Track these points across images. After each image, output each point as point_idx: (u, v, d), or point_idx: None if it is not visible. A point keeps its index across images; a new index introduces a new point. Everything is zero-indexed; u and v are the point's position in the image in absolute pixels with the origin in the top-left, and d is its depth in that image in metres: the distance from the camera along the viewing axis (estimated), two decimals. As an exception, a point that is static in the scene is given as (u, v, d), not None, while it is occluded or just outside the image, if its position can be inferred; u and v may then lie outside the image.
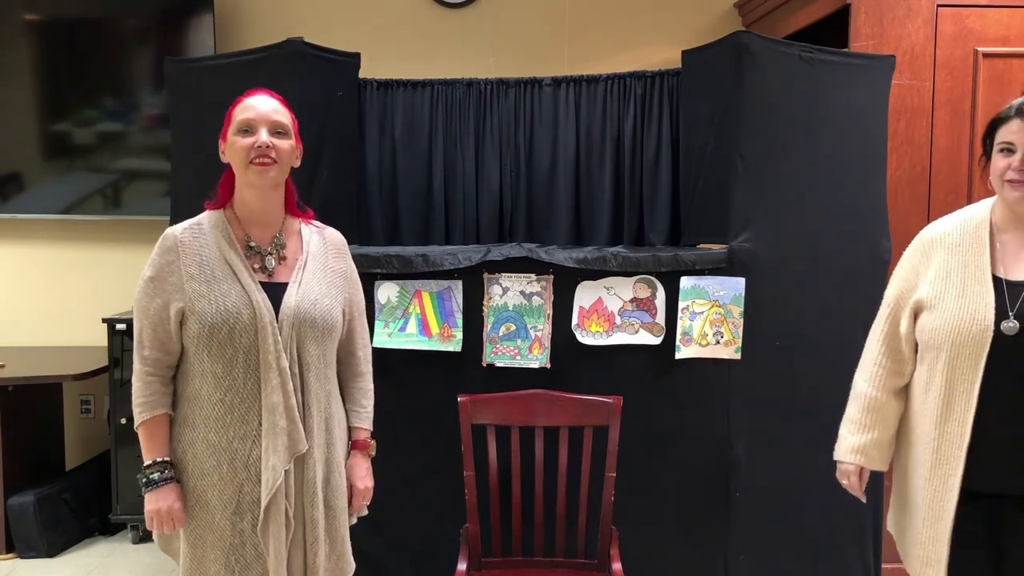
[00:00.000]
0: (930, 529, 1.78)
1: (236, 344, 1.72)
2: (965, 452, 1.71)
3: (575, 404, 2.38)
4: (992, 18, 2.89)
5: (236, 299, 1.73)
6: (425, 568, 2.60)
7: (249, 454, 1.74)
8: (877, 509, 2.67)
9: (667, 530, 2.59)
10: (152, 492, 1.74)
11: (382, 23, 3.83)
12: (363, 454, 1.95)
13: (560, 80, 3.10)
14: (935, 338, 1.76)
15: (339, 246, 1.95)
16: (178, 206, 2.86)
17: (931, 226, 1.88)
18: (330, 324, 1.83)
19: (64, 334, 3.91)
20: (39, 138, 3.77)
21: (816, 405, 2.61)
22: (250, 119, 1.75)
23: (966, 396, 1.71)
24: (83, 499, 3.59)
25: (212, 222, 1.80)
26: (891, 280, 1.93)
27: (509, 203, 3.14)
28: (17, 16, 3.70)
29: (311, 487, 1.80)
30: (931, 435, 1.77)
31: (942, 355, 1.74)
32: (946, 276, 1.78)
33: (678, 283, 2.53)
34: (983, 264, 1.75)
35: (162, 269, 1.75)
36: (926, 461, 1.79)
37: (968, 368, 1.71)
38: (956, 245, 1.79)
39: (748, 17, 3.73)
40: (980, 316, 1.70)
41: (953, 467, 1.73)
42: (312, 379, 1.80)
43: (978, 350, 1.69)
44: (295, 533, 1.79)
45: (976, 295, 1.72)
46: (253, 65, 2.72)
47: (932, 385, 1.78)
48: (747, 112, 2.52)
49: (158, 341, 1.75)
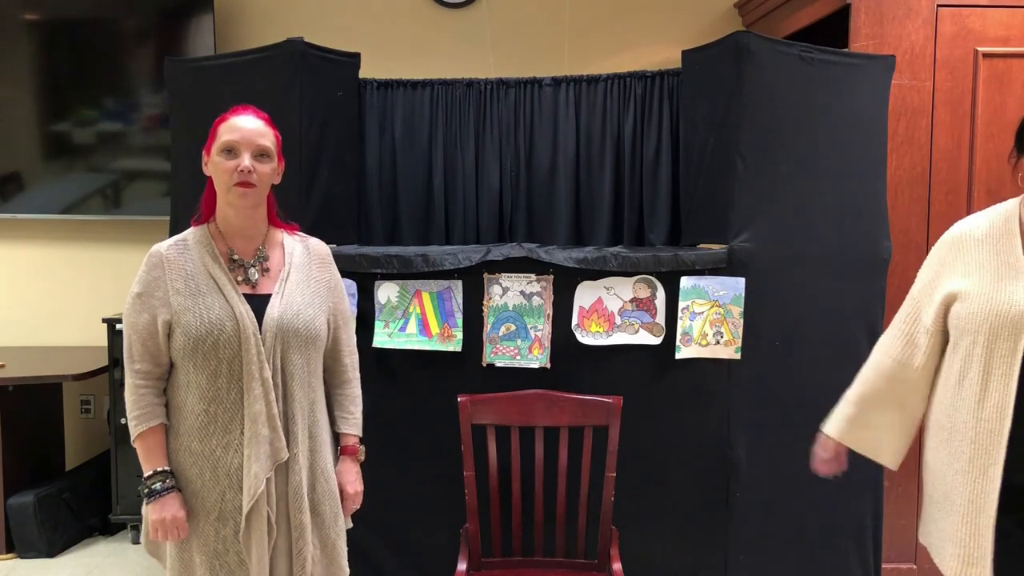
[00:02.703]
0: (971, 524, 1.73)
1: (220, 355, 1.75)
2: (1006, 439, 1.68)
3: (575, 404, 2.38)
4: (992, 18, 2.89)
5: (220, 311, 1.76)
6: (425, 568, 2.60)
7: (231, 462, 1.77)
8: (877, 509, 2.67)
9: (667, 530, 2.59)
10: (155, 502, 1.76)
11: (382, 23, 3.83)
12: (352, 459, 1.98)
13: (560, 80, 3.10)
14: (972, 323, 1.74)
15: (323, 256, 1.97)
16: (178, 206, 2.86)
17: (958, 224, 1.87)
18: (314, 334, 1.85)
19: (64, 334, 3.91)
20: (39, 138, 3.77)
21: (816, 405, 2.60)
22: (234, 141, 1.77)
23: (1004, 380, 1.68)
24: (83, 499, 3.59)
25: (196, 237, 1.84)
26: (917, 277, 1.93)
27: (509, 203, 3.14)
28: (17, 16, 3.70)
29: (296, 494, 1.82)
30: (968, 424, 1.74)
31: (979, 339, 1.72)
32: (980, 266, 1.77)
33: (678, 283, 2.53)
34: (1016, 252, 1.74)
35: (149, 284, 1.79)
36: (963, 454, 1.75)
37: (1006, 351, 1.68)
38: (986, 237, 1.79)
39: (748, 17, 3.73)
40: (1017, 299, 1.69)
41: (994, 457, 1.69)
42: (296, 388, 1.82)
43: (1016, 332, 1.67)
44: (281, 540, 1.81)
45: (1012, 279, 1.71)
46: (253, 65, 2.72)
47: (968, 373, 1.75)
48: (747, 112, 2.52)
49: (148, 354, 1.79)
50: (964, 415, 1.76)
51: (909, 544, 2.93)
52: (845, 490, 2.63)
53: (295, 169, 2.65)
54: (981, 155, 2.90)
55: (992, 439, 1.70)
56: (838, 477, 2.10)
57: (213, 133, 1.81)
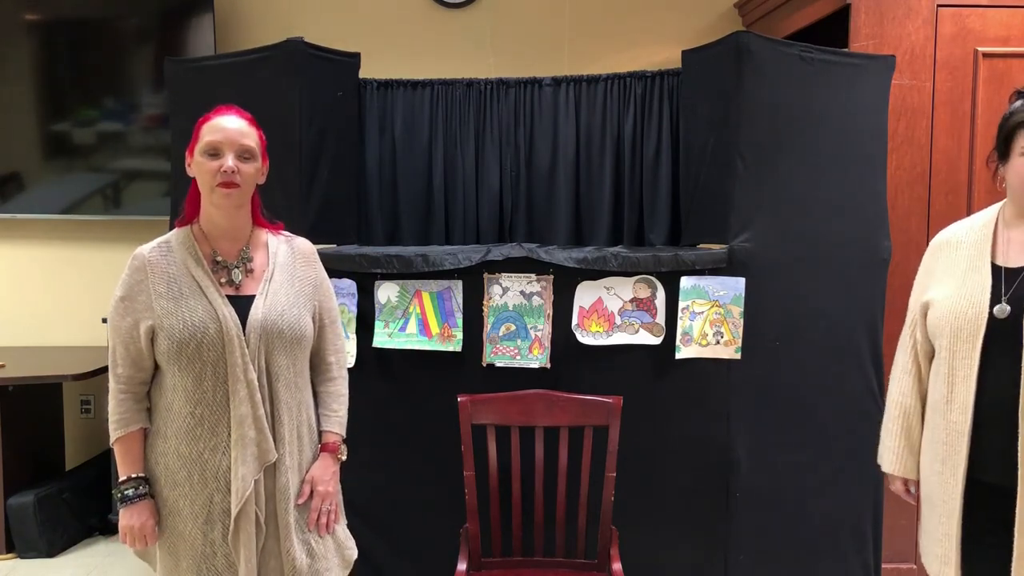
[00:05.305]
0: (945, 525, 1.77)
1: (204, 358, 1.75)
2: (967, 439, 1.72)
3: (575, 404, 2.38)
4: (992, 18, 2.89)
5: (203, 314, 1.75)
6: (425, 568, 2.60)
7: (219, 465, 1.76)
8: (877, 509, 2.67)
9: (667, 530, 2.59)
10: (127, 508, 1.77)
11: (382, 23, 3.83)
12: (332, 457, 1.94)
13: (560, 80, 3.10)
14: (938, 326, 1.79)
15: (308, 255, 1.96)
16: (178, 206, 2.84)
17: (943, 231, 1.92)
18: (299, 334, 1.84)
19: (64, 334, 3.91)
20: (39, 138, 3.77)
21: (816, 405, 2.61)
22: (217, 142, 1.77)
23: (966, 381, 1.73)
24: (83, 499, 3.59)
25: (179, 240, 1.84)
26: (914, 285, 1.97)
27: (509, 203, 3.14)
28: (17, 16, 3.70)
29: (284, 495, 1.82)
30: (940, 426, 1.78)
31: (943, 342, 1.77)
32: (950, 271, 1.82)
33: (678, 283, 2.53)
34: (984, 255, 1.78)
35: (131, 288, 1.79)
36: (938, 455, 1.79)
37: (967, 351, 1.73)
38: (962, 243, 1.83)
39: (748, 17, 3.73)
40: (976, 301, 1.73)
41: (961, 456, 1.73)
42: (282, 389, 1.82)
43: (974, 333, 1.72)
44: (270, 542, 1.81)
45: (974, 283, 1.76)
46: (253, 65, 2.72)
47: (939, 376, 1.80)
48: (747, 112, 2.52)
49: (130, 359, 1.78)
50: (937, 417, 1.81)
51: (909, 544, 2.93)
52: (845, 490, 2.63)
53: (295, 169, 2.65)
54: (981, 155, 2.90)
55: (959, 439, 1.74)
56: (839, 477, 2.11)
57: (196, 134, 1.81)
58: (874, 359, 2.64)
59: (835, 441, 2.61)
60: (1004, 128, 1.78)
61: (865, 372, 2.63)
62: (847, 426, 2.60)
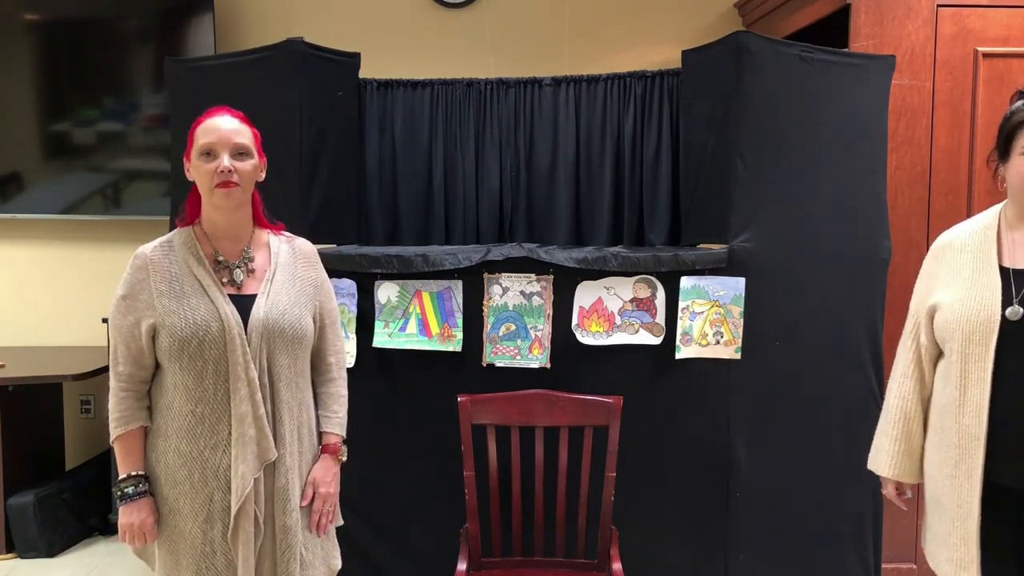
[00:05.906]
0: (960, 529, 1.76)
1: (206, 356, 1.75)
2: (984, 442, 1.71)
3: (575, 404, 2.38)
4: (992, 18, 2.89)
5: (205, 313, 1.76)
6: (425, 568, 2.60)
7: (219, 463, 1.77)
8: (877, 509, 2.67)
9: (667, 530, 2.59)
10: (126, 505, 1.77)
11: (382, 23, 3.83)
12: (333, 458, 1.95)
13: (560, 80, 3.10)
14: (948, 330, 1.78)
15: (308, 255, 1.96)
16: (178, 206, 2.85)
17: (944, 234, 1.91)
18: (300, 333, 1.85)
19: (64, 334, 3.91)
20: (39, 138, 3.77)
21: (816, 405, 2.61)
22: (211, 143, 1.78)
23: (980, 384, 1.72)
24: (83, 499, 3.59)
25: (181, 239, 1.84)
26: (914, 290, 1.96)
27: (509, 203, 3.14)
28: (17, 16, 3.70)
29: (283, 495, 1.82)
30: (952, 429, 1.77)
31: (955, 346, 1.76)
32: (957, 274, 1.81)
33: (678, 283, 2.53)
34: (991, 257, 1.78)
35: (133, 287, 1.79)
36: (950, 458, 1.78)
37: (979, 355, 1.72)
38: (966, 246, 1.83)
39: (748, 17, 3.73)
40: (987, 303, 1.73)
41: (976, 460, 1.72)
42: (283, 388, 1.82)
43: (987, 336, 1.71)
44: (267, 542, 1.81)
45: (984, 286, 1.75)
46: (253, 65, 2.72)
47: (950, 379, 1.78)
48: (747, 112, 2.52)
49: (131, 357, 1.79)
50: (949, 420, 1.80)
51: (909, 544, 2.93)
52: (845, 490, 2.63)
53: (295, 169, 2.65)
54: (981, 155, 2.90)
55: (973, 443, 1.73)
56: (839, 477, 2.10)
57: (191, 138, 1.82)
58: (874, 359, 2.64)
59: (835, 441, 2.61)
60: (1005, 128, 1.78)
61: (865, 372, 2.63)
62: (847, 426, 2.60)
